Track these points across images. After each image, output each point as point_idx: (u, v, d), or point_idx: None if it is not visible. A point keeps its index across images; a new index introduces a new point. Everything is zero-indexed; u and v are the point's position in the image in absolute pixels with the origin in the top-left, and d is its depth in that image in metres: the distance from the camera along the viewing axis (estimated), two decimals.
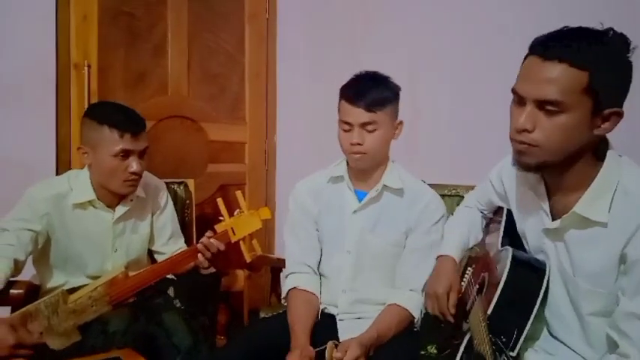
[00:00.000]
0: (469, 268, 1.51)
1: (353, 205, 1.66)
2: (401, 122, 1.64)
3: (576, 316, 1.19)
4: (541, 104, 1.06)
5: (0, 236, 1.62)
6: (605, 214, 1.08)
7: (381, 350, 1.50)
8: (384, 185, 1.63)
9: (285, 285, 1.69)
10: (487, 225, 1.57)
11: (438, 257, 1.52)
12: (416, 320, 1.60)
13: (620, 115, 1.07)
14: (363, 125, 1.55)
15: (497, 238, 1.42)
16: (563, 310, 1.21)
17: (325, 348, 1.41)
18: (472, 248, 1.55)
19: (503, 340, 1.17)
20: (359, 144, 1.56)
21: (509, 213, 1.40)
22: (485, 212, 1.57)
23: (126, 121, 1.68)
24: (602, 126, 1.07)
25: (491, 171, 1.47)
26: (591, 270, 1.13)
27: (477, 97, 2.20)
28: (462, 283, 1.50)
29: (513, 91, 1.11)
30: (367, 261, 1.65)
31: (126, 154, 1.67)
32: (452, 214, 1.81)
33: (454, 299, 1.41)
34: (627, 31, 1.08)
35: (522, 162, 1.12)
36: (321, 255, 1.71)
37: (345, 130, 1.58)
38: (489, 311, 1.21)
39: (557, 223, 1.17)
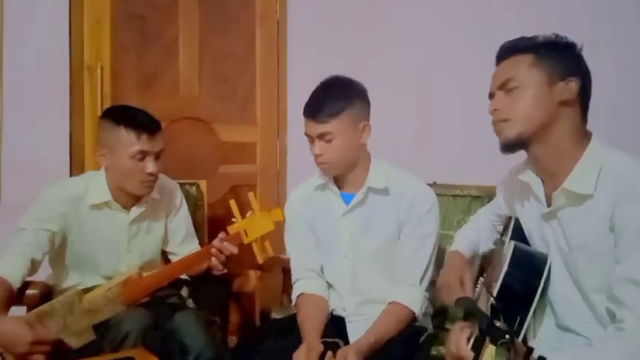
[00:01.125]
0: (481, 278, 1.51)
1: (340, 209, 1.67)
2: (367, 124, 1.62)
3: (582, 298, 1.21)
4: (502, 88, 1.23)
5: (18, 236, 1.64)
6: (591, 187, 1.15)
7: (384, 350, 1.50)
8: (369, 187, 1.64)
9: (293, 292, 1.70)
10: (501, 240, 1.57)
11: (447, 253, 1.54)
12: (417, 315, 1.59)
13: (575, 81, 1.18)
14: (321, 137, 1.57)
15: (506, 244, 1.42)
16: (569, 295, 1.23)
17: (329, 345, 1.42)
18: (484, 256, 1.55)
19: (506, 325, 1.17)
20: (319, 155, 1.59)
21: (517, 221, 1.41)
22: (497, 224, 1.58)
23: (142, 122, 1.70)
24: (564, 94, 1.18)
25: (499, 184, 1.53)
26: (584, 242, 1.17)
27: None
28: (475, 290, 1.50)
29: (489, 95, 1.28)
30: (365, 262, 1.65)
31: (143, 155, 1.69)
32: (463, 214, 1.82)
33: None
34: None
35: (503, 140, 1.23)
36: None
37: (310, 142, 1.62)
38: (494, 294, 1.22)
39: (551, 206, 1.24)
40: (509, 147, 1.23)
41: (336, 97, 1.59)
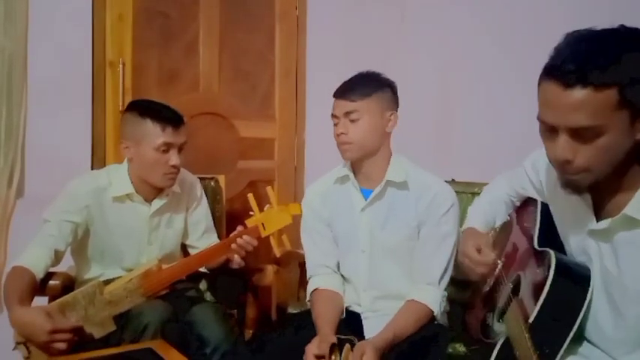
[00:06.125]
0: (498, 261, 1.48)
1: (359, 203, 1.67)
2: (393, 114, 1.65)
3: (612, 319, 1.13)
4: (575, 132, 1.00)
5: (42, 227, 1.68)
6: None
7: (405, 347, 1.50)
8: (388, 180, 1.64)
9: (308, 288, 1.71)
10: (517, 215, 1.50)
11: (462, 230, 1.52)
12: (435, 314, 1.58)
13: None
14: (347, 115, 1.60)
15: (531, 232, 1.35)
16: (600, 314, 1.15)
17: (343, 341, 1.41)
18: (498, 230, 1.51)
19: (547, 351, 1.11)
20: (343, 133, 1.60)
21: (545, 207, 1.34)
22: (514, 200, 1.51)
23: (167, 115, 1.73)
24: None
25: (526, 161, 1.39)
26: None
27: (509, 96, 2.18)
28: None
29: (540, 119, 1.05)
30: (382, 258, 1.65)
31: (167, 147, 1.71)
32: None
33: (488, 253, 1.37)
34: None
35: (574, 187, 1.08)
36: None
37: (335, 125, 1.64)
38: (531, 320, 1.14)
39: (604, 223, 1.10)
40: (578, 192, 1.10)
41: (367, 81, 1.64)
